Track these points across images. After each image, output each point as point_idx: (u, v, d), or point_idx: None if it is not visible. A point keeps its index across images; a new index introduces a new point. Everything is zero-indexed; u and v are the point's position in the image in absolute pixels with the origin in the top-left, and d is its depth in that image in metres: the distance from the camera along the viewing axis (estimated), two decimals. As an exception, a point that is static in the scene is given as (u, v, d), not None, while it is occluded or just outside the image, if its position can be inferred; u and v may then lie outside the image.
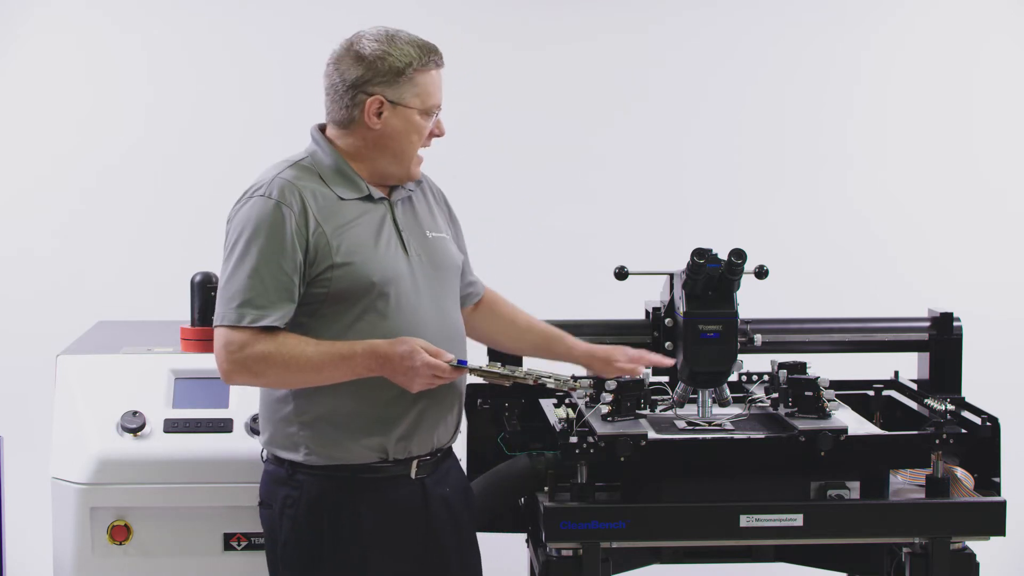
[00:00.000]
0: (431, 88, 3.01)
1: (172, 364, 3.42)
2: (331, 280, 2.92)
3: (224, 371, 2.90)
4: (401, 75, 2.97)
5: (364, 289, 2.93)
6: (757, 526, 3.07)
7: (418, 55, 2.98)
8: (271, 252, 2.88)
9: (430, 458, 3.04)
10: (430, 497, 3.04)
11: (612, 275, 3.26)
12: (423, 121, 3.01)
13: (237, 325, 2.87)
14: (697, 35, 5.17)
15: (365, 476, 2.97)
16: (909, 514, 3.12)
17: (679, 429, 3.21)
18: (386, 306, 2.95)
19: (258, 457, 3.09)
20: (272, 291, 2.87)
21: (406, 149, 3.02)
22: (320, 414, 2.94)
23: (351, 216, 2.97)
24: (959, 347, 3.55)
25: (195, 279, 3.55)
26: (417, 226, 3.08)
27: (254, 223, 2.90)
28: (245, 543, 3.30)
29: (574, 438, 3.06)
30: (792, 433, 3.10)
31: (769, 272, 3.23)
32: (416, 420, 2.98)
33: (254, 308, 2.87)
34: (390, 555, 3.00)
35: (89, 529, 3.25)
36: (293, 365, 2.86)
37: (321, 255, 2.91)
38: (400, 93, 2.98)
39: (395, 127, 2.99)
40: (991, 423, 3.19)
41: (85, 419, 3.30)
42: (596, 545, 3.05)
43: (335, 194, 2.98)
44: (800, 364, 3.29)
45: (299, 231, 2.90)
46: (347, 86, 2.98)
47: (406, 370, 2.86)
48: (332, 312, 2.93)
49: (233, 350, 2.87)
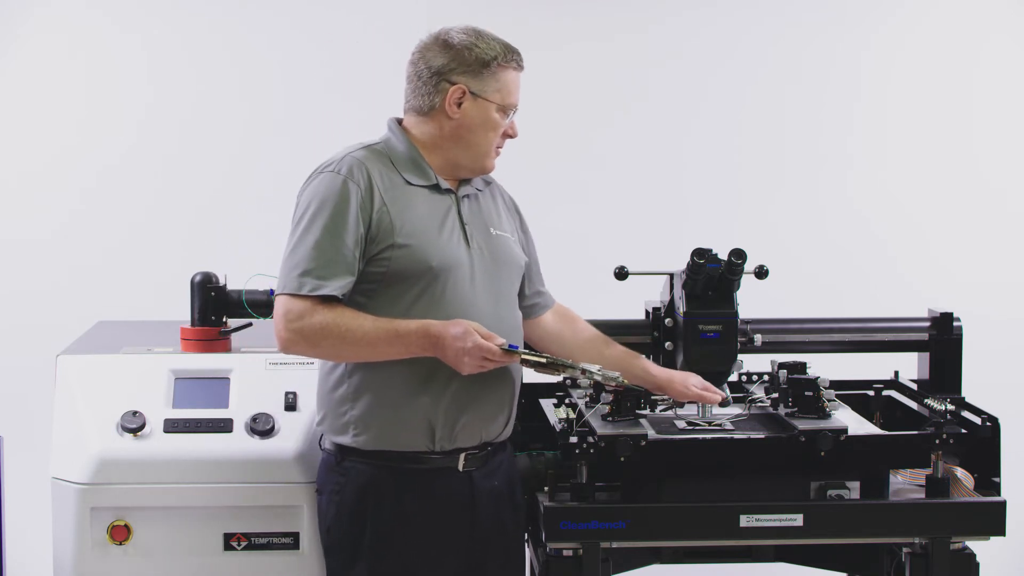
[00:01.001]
0: (511, 86, 3.06)
1: (172, 364, 3.42)
2: (390, 260, 2.96)
3: (282, 339, 2.95)
4: (486, 67, 3.02)
5: (422, 272, 2.97)
6: (757, 526, 3.07)
7: (503, 51, 3.05)
8: (335, 225, 2.94)
9: (479, 451, 3.05)
10: (478, 491, 3.05)
11: (612, 275, 3.26)
12: (500, 117, 3.05)
13: (297, 293, 2.92)
14: (697, 35, 5.17)
15: (411, 467, 3.00)
16: (909, 514, 3.12)
17: (679, 429, 3.21)
18: (442, 292, 2.98)
19: (258, 457, 3.10)
20: (333, 262, 2.93)
21: (480, 142, 3.06)
22: (371, 396, 2.99)
23: (416, 201, 3.02)
24: (959, 347, 3.55)
25: (195, 279, 3.55)
26: (482, 222, 3.12)
27: (321, 197, 2.97)
28: (245, 543, 3.30)
29: (574, 438, 3.05)
30: (792, 433, 3.10)
31: (769, 272, 3.23)
32: (463, 408, 3.01)
33: (314, 278, 2.92)
34: (431, 546, 3.03)
35: (89, 529, 3.25)
36: (349, 337, 2.91)
37: (383, 233, 2.96)
38: (483, 85, 3.03)
39: (473, 118, 3.04)
40: (991, 423, 3.19)
41: (85, 419, 3.30)
42: (596, 545, 3.05)
43: (403, 178, 3.03)
44: (800, 364, 3.29)
45: (364, 206, 2.96)
46: (432, 73, 3.04)
47: (457, 351, 2.89)
48: (389, 293, 2.98)
49: (292, 319, 2.92)
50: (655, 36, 5.16)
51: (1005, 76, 5.19)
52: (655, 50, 5.16)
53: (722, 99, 5.17)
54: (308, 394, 3.27)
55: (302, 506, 3.25)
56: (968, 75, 5.19)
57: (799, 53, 5.19)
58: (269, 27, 5.05)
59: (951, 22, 5.19)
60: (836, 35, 5.18)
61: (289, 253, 2.98)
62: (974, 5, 5.19)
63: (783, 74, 5.18)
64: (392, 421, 2.99)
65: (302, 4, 5.04)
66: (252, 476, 3.24)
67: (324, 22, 4.99)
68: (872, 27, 5.19)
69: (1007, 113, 5.20)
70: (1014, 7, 5.21)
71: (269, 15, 5.05)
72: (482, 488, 3.06)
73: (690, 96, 5.16)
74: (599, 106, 5.14)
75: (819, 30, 5.18)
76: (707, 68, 5.16)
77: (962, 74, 5.19)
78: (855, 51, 5.20)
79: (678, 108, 5.16)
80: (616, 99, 5.15)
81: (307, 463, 3.25)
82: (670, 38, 5.16)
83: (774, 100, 5.18)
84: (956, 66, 5.18)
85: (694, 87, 5.16)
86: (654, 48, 5.16)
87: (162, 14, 5.02)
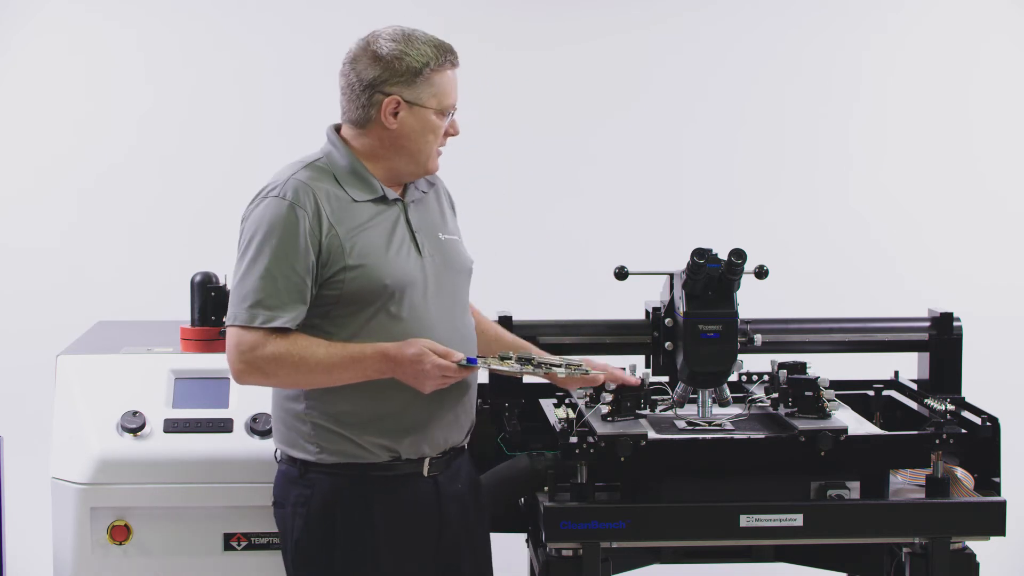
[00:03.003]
0: (447, 88, 3.01)
1: (172, 364, 3.42)
2: (343, 282, 2.92)
3: (236, 371, 2.91)
4: (418, 75, 2.97)
5: (377, 292, 2.93)
6: (757, 526, 3.07)
7: (435, 55, 2.99)
8: (284, 253, 2.89)
9: (442, 456, 3.04)
10: (443, 495, 3.04)
11: (612, 275, 3.26)
12: (439, 121, 3.01)
13: (249, 326, 2.88)
14: (697, 35, 5.17)
15: (377, 474, 2.97)
16: (909, 514, 3.12)
17: (679, 429, 3.21)
18: (399, 309, 2.95)
19: (258, 457, 3.09)
20: (284, 292, 2.88)
21: (422, 148, 3.02)
22: (331, 414, 2.95)
23: (364, 218, 2.98)
24: (959, 347, 3.55)
25: (195, 279, 3.55)
26: (431, 228, 3.09)
27: (268, 224, 2.91)
28: (245, 543, 3.30)
29: (574, 438, 3.05)
30: (792, 433, 3.10)
31: (769, 272, 3.23)
32: (427, 420, 2.99)
33: (266, 309, 2.88)
34: (402, 553, 3.00)
35: (89, 529, 3.25)
36: (304, 366, 2.87)
37: (334, 257, 2.92)
38: (417, 93, 2.98)
39: (411, 127, 2.99)
40: (991, 423, 3.19)
41: (85, 419, 3.30)
42: (596, 545, 3.05)
43: (349, 196, 2.98)
44: (800, 364, 3.28)
45: (312, 233, 2.91)
46: (364, 86, 2.99)
47: (416, 373, 2.86)
48: (344, 314, 2.94)
49: (244, 350, 2.88)
50: (655, 35, 5.15)
51: (1005, 76, 5.19)
52: (655, 49, 5.15)
53: (722, 99, 5.16)
54: (308, 394, 3.27)
55: (302, 506, 3.24)
56: (968, 75, 5.19)
57: (799, 53, 5.18)
58: (268, 28, 5.05)
59: (951, 22, 5.18)
60: (836, 35, 5.18)
61: (238, 282, 2.92)
62: (974, 5, 5.19)
63: (783, 74, 5.18)
64: (355, 437, 2.95)
65: (301, 4, 5.04)
66: (252, 476, 3.24)
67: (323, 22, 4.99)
68: (872, 27, 5.19)
69: (1007, 113, 5.19)
70: (1014, 7, 5.21)
71: (268, 16, 5.05)
72: (447, 492, 3.05)
73: (690, 96, 5.16)
74: (599, 106, 5.14)
75: (819, 30, 5.18)
76: (707, 68, 5.16)
77: (962, 74, 5.18)
78: (855, 51, 5.19)
79: (678, 108, 5.16)
80: (616, 99, 5.14)
81: (307, 463, 3.24)
82: (670, 38, 5.16)
83: (774, 100, 5.18)
84: (956, 66, 5.18)
85: (694, 87, 5.16)
86: (654, 47, 5.16)
87: (161, 15, 5.02)
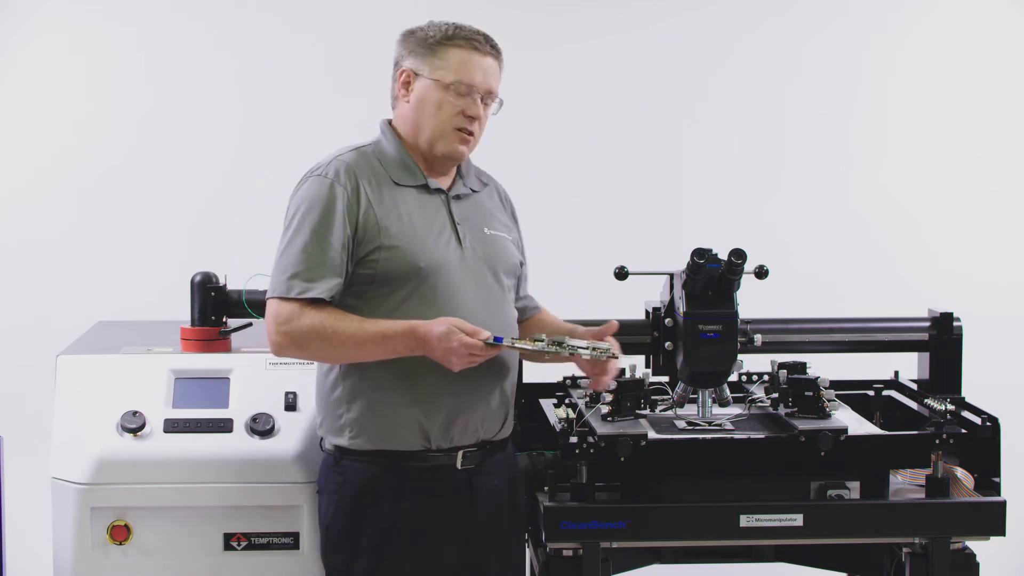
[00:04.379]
0: (461, 65, 3.05)
1: (172, 364, 3.42)
2: (378, 262, 2.98)
3: (273, 343, 2.99)
4: (430, 48, 3.05)
5: (411, 273, 2.99)
6: (757, 526, 3.07)
7: (453, 32, 3.06)
8: (322, 228, 2.97)
9: (477, 450, 3.06)
10: (476, 489, 3.06)
11: (612, 275, 3.26)
12: (447, 95, 3.05)
13: (286, 296, 2.96)
14: (697, 35, 5.18)
15: (409, 464, 3.01)
16: (909, 514, 3.12)
17: (679, 429, 3.21)
18: (433, 293, 3.00)
19: (258, 457, 3.10)
20: (320, 265, 2.96)
21: (431, 123, 3.06)
22: (365, 398, 3.01)
23: (405, 202, 3.04)
24: (959, 347, 3.55)
25: (195, 279, 3.55)
26: (476, 222, 3.13)
27: (308, 201, 3.00)
28: (245, 543, 3.30)
29: (574, 438, 3.06)
30: (792, 433, 3.10)
31: (769, 272, 3.23)
32: (456, 406, 3.01)
33: (302, 280, 2.95)
34: (430, 544, 3.03)
35: (89, 529, 3.25)
36: (336, 339, 2.93)
37: (370, 235, 2.98)
38: (426, 64, 3.05)
39: (421, 98, 3.06)
40: (991, 423, 3.19)
41: (85, 419, 3.30)
42: (596, 545, 3.05)
43: (392, 179, 3.05)
44: (800, 364, 3.29)
45: (350, 209, 2.98)
46: (393, 66, 3.11)
47: (444, 350, 2.90)
48: (379, 295, 3.00)
49: (281, 322, 2.96)
50: (655, 35, 5.16)
51: (1004, 76, 5.19)
52: (655, 49, 5.16)
53: (722, 99, 5.17)
54: (308, 394, 3.27)
55: (302, 506, 3.25)
56: (968, 75, 5.19)
57: (799, 53, 5.19)
58: (268, 28, 5.05)
59: (951, 22, 5.19)
60: (836, 35, 5.19)
61: (279, 257, 3.01)
62: (974, 5, 5.20)
63: (783, 74, 5.19)
64: (387, 422, 3.00)
65: (301, 4, 5.04)
66: (252, 476, 3.24)
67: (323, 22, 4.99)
68: (872, 27, 5.19)
69: (1007, 113, 5.20)
70: (1014, 7, 5.21)
71: (268, 16, 5.05)
72: (481, 487, 3.07)
73: (690, 96, 5.17)
74: (599, 106, 5.14)
75: (819, 30, 5.18)
76: (707, 68, 5.17)
77: (962, 74, 5.19)
78: (855, 51, 5.20)
79: (678, 108, 5.16)
80: (616, 99, 5.15)
81: (307, 463, 3.25)
82: (670, 38, 5.16)
83: (774, 100, 5.18)
84: (956, 66, 5.18)
85: (694, 87, 5.16)
86: (654, 47, 5.16)
87: (161, 15, 5.02)
